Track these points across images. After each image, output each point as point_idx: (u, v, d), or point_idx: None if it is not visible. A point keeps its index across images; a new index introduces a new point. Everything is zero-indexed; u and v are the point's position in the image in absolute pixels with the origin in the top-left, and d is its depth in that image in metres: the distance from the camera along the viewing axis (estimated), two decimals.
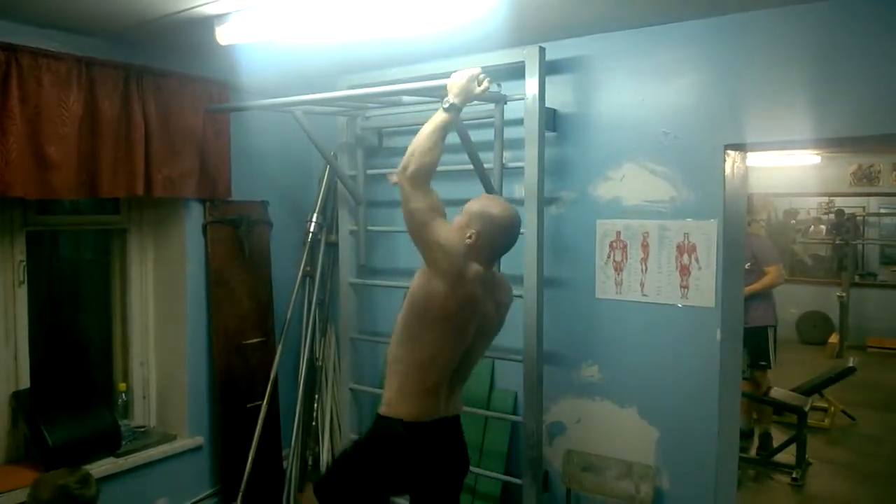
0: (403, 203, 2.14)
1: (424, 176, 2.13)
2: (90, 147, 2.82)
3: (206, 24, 2.58)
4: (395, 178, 2.60)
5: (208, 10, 2.47)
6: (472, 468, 3.07)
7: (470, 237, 2.17)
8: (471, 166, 2.83)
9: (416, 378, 2.21)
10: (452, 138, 2.40)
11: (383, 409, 2.26)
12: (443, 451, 2.30)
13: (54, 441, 2.79)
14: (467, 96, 2.26)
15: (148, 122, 2.98)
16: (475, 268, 2.15)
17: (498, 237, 2.22)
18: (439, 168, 3.03)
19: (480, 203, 2.26)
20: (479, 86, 2.28)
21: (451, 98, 2.23)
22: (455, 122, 2.33)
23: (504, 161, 2.89)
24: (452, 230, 2.17)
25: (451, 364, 2.24)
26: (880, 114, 2.36)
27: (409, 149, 2.14)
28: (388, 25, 2.58)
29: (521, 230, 2.71)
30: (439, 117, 2.19)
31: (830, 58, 2.43)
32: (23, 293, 2.93)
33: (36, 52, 2.63)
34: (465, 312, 2.17)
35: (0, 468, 2.86)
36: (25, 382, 2.94)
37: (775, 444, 5.06)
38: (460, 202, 2.34)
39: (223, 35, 2.57)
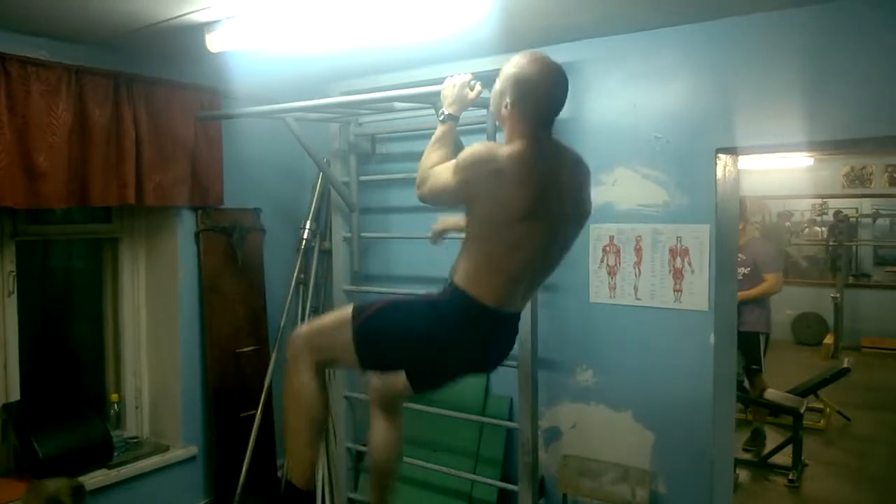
0: (441, 199, 2.04)
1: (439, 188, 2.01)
2: (80, 156, 2.81)
3: (196, 32, 2.57)
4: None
5: (198, 17, 2.46)
6: (467, 474, 3.08)
7: (506, 107, 1.93)
8: None
9: (493, 268, 1.93)
10: None
11: (461, 282, 1.95)
12: (500, 345, 2.11)
13: (45, 453, 2.77)
14: (462, 104, 2.18)
15: (139, 129, 2.97)
16: (513, 149, 1.87)
17: (541, 97, 1.93)
18: None
19: (513, 64, 1.95)
20: (472, 91, 2.20)
21: (447, 108, 2.17)
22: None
23: None
24: (492, 106, 2.01)
25: (531, 258, 1.94)
26: (871, 116, 2.37)
27: (420, 170, 2.06)
28: (381, 33, 2.58)
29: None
30: (439, 130, 2.15)
31: (821, 61, 2.43)
32: (12, 303, 2.91)
33: (25, 60, 2.61)
34: (525, 207, 1.86)
35: None
36: (16, 394, 2.92)
37: (771, 445, 5.06)
38: (446, 209, 2.33)
39: (214, 42, 2.56)
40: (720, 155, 2.68)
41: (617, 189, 2.85)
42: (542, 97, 1.94)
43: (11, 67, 2.57)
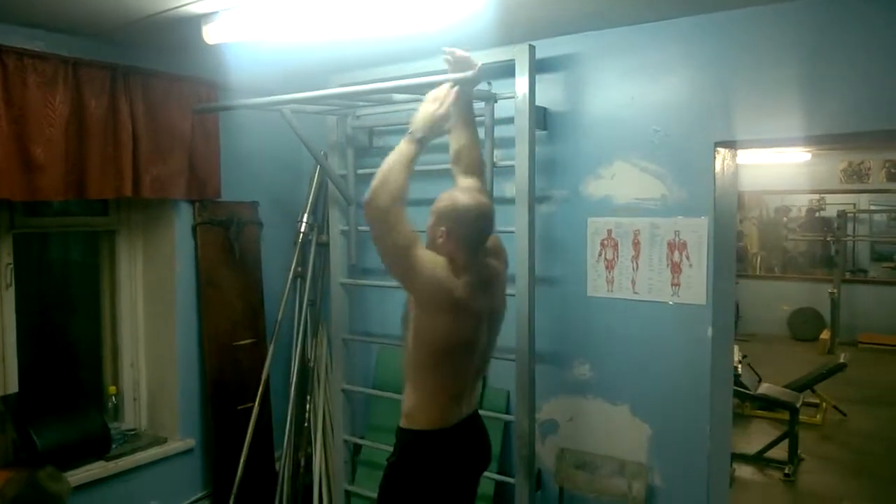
0: (379, 237, 2.01)
1: (400, 203, 2.00)
2: (77, 148, 2.80)
3: (193, 24, 2.56)
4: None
5: (195, 8, 2.45)
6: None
7: (441, 236, 2.11)
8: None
9: (437, 394, 2.18)
10: (442, 137, 2.38)
11: (404, 422, 2.22)
12: (469, 447, 2.30)
13: (43, 445, 2.77)
14: (431, 129, 2.13)
15: (135, 122, 2.96)
16: (462, 281, 2.07)
17: (470, 230, 2.12)
18: (424, 167, 3.03)
19: (444, 199, 2.15)
20: (442, 104, 2.15)
21: (415, 130, 2.12)
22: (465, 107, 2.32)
23: (495, 160, 2.89)
24: (427, 242, 2.13)
25: (470, 371, 2.22)
26: (870, 110, 2.36)
27: (377, 178, 2.01)
28: (378, 25, 2.57)
29: (512, 229, 2.71)
30: (407, 149, 2.08)
31: (820, 55, 2.43)
32: (10, 296, 2.90)
33: (21, 52, 2.60)
34: (472, 329, 2.14)
35: None
36: (14, 386, 2.91)
37: (767, 440, 5.08)
38: None
39: (210, 34, 2.55)
40: (719, 149, 2.68)
41: (615, 183, 2.85)
42: (475, 232, 2.14)
43: (8, 59, 2.56)
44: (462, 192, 2.20)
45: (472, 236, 2.14)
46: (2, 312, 2.88)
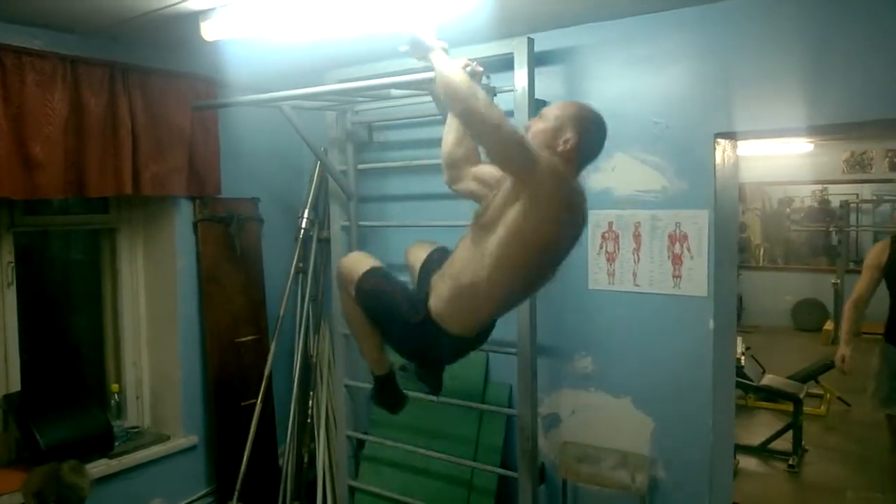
0: (489, 132, 1.79)
1: (491, 105, 1.81)
2: (76, 146, 2.79)
3: (190, 20, 2.56)
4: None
5: (192, 5, 2.45)
6: (467, 461, 3.08)
7: (566, 142, 1.93)
8: None
9: (490, 302, 2.00)
10: (439, 131, 2.38)
11: (438, 310, 2.01)
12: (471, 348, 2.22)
13: (46, 443, 2.78)
14: (416, 48, 2.07)
15: (135, 119, 2.96)
16: (579, 184, 1.93)
17: (596, 143, 2.00)
18: (422, 162, 3.01)
19: (570, 106, 2.00)
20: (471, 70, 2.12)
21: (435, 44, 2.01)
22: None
23: None
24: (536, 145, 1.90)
25: (533, 291, 2.13)
26: (872, 99, 2.35)
27: (461, 92, 1.81)
28: (377, 21, 2.56)
29: None
30: (456, 72, 1.90)
31: (821, 44, 2.42)
32: (11, 295, 2.91)
33: (19, 50, 2.60)
34: (568, 239, 1.97)
35: None
36: (16, 385, 2.92)
37: (771, 431, 5.07)
38: (445, 196, 2.32)
39: (208, 31, 2.55)
40: (719, 140, 2.67)
41: (616, 175, 2.84)
42: (598, 146, 2.04)
43: (6, 57, 2.56)
44: (592, 108, 2.04)
45: (594, 150, 2.02)
46: (3, 311, 2.89)
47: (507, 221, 1.88)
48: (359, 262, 2.29)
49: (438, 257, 2.23)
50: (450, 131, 2.28)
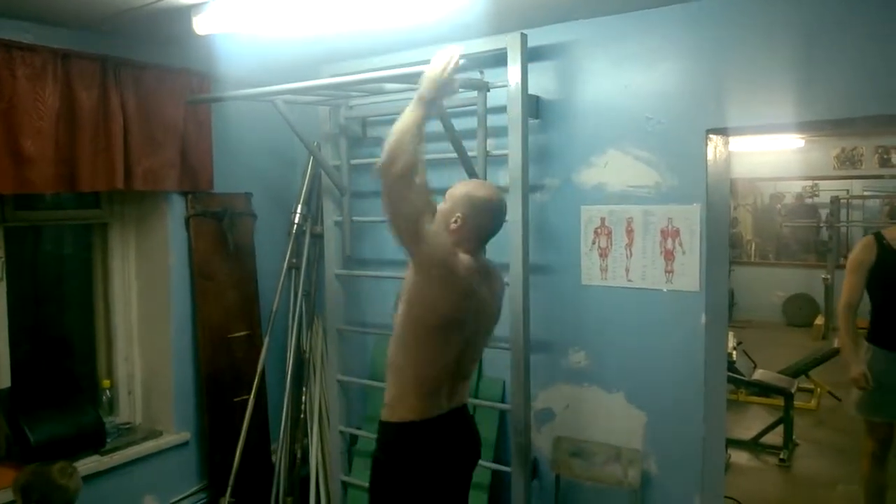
0: (392, 204, 1.92)
1: (411, 172, 1.92)
2: (68, 140, 2.78)
3: (182, 14, 2.54)
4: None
5: None
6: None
7: (455, 221, 2.13)
8: (454, 154, 2.81)
9: (417, 382, 2.15)
10: (435, 126, 2.38)
11: (385, 415, 2.21)
12: (453, 440, 2.27)
13: (36, 440, 2.76)
14: (442, 90, 2.06)
15: (127, 114, 2.94)
16: (466, 260, 2.08)
17: (485, 221, 2.17)
18: (432, 156, 2.99)
19: (465, 187, 2.21)
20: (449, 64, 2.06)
21: (420, 90, 2.02)
22: (439, 109, 2.30)
23: (488, 149, 2.88)
24: (437, 224, 2.11)
25: (452, 364, 2.19)
26: (863, 95, 2.36)
27: (390, 144, 1.92)
28: (370, 16, 2.56)
29: (507, 218, 2.70)
30: (418, 110, 1.99)
31: (812, 40, 2.42)
32: (2, 290, 2.89)
33: (9, 44, 2.58)
34: (463, 312, 2.11)
35: None
36: (6, 381, 2.91)
37: (762, 425, 5.11)
38: (444, 191, 2.32)
39: (200, 25, 2.53)
40: (711, 136, 2.68)
41: (608, 171, 2.85)
42: (491, 221, 2.19)
43: None
44: (481, 183, 2.28)
45: (485, 228, 2.18)
46: None
47: (407, 296, 2.11)
48: None
49: None
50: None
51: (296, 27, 2.61)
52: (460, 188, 2.21)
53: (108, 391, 3.31)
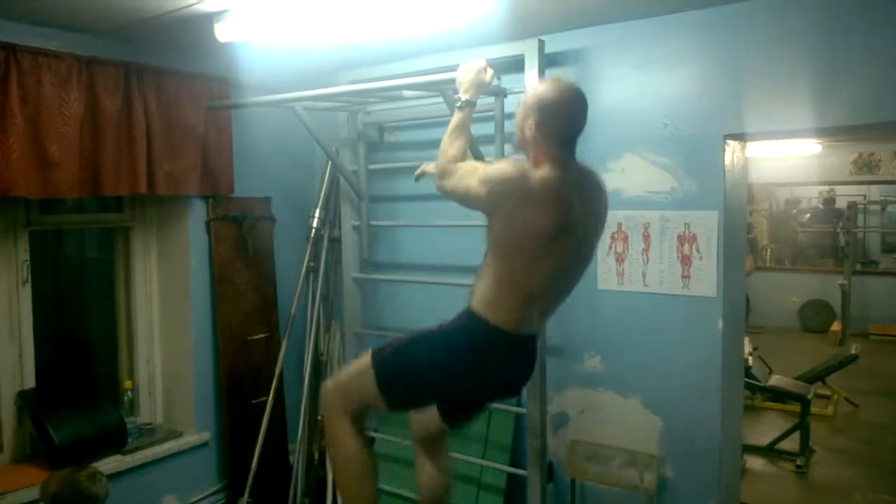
0: (456, 198, 2.07)
1: (461, 160, 2.10)
2: (92, 145, 2.83)
3: (205, 22, 2.58)
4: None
5: (206, 7, 2.47)
6: (476, 459, 3.10)
7: (530, 128, 1.99)
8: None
9: (513, 288, 2.00)
10: None
11: (477, 306, 2.03)
12: (521, 367, 2.17)
13: (60, 440, 2.81)
14: (479, 89, 2.19)
15: (149, 119, 2.99)
16: (544, 173, 1.94)
17: (562, 119, 2.00)
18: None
19: (532, 91, 2.08)
20: (487, 75, 2.21)
21: (463, 94, 2.17)
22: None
23: (505, 154, 2.90)
24: (517, 138, 2.08)
25: (552, 276, 2.02)
26: (881, 101, 2.36)
27: (442, 159, 2.10)
28: (389, 23, 2.58)
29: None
30: (456, 117, 2.15)
31: (831, 46, 2.43)
32: (27, 292, 2.94)
33: (35, 51, 2.63)
34: (540, 224, 1.93)
35: (6, 467, 2.88)
36: (31, 381, 2.95)
37: (778, 432, 5.08)
38: None
39: (222, 32, 2.57)
40: (729, 141, 2.69)
41: (625, 176, 2.86)
42: (565, 118, 2.01)
43: (23, 58, 2.58)
44: (550, 81, 2.11)
45: (562, 126, 2.01)
46: (19, 308, 2.92)
47: (491, 233, 2.02)
48: (351, 367, 2.26)
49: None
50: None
51: (315, 35, 2.64)
52: (528, 94, 2.09)
53: (129, 392, 3.34)
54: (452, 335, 2.07)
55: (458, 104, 2.18)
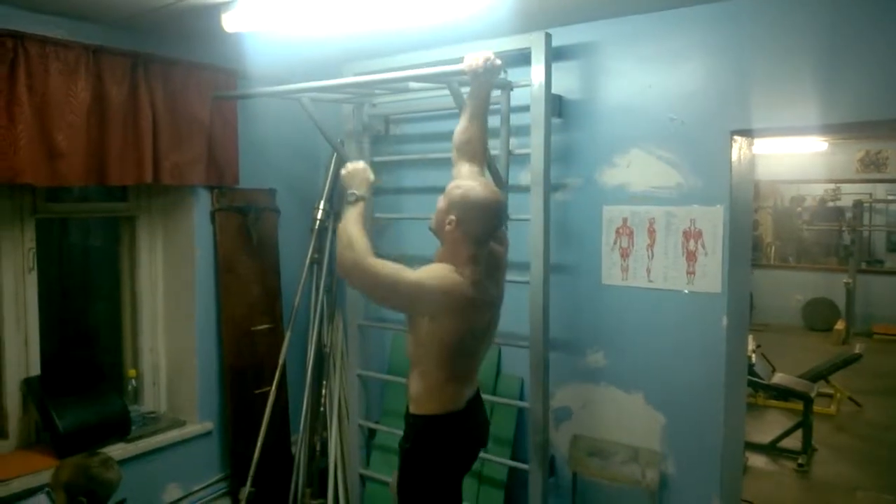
0: (372, 292, 2.12)
1: (367, 254, 2.04)
2: (98, 135, 2.83)
3: (212, 12, 2.59)
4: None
5: None
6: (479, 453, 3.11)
7: (450, 224, 2.11)
8: None
9: (445, 381, 2.18)
10: (455, 124, 2.40)
11: (414, 408, 2.23)
12: (473, 427, 2.33)
13: (65, 427, 2.82)
14: (363, 182, 2.28)
15: (155, 109, 2.99)
16: (470, 275, 2.10)
17: (481, 223, 2.13)
18: (443, 155, 3.03)
19: (458, 188, 2.16)
20: (490, 63, 2.28)
21: (354, 189, 2.24)
22: (482, 100, 2.36)
23: (510, 148, 2.90)
24: (436, 228, 2.17)
25: (478, 357, 2.27)
26: (889, 98, 2.35)
27: (340, 251, 2.09)
28: (396, 15, 2.58)
29: (527, 217, 2.73)
30: (351, 210, 2.18)
31: (838, 41, 2.42)
32: (32, 280, 2.95)
33: (43, 39, 2.63)
34: (483, 319, 2.19)
35: (12, 454, 2.89)
36: (36, 369, 2.97)
37: (781, 430, 5.08)
38: None
39: (229, 22, 2.57)
40: (735, 137, 2.68)
41: (631, 171, 2.85)
42: (483, 225, 2.14)
43: (31, 46, 2.59)
44: (478, 183, 2.20)
45: (482, 229, 2.14)
46: (24, 296, 2.93)
47: (417, 327, 2.15)
48: None
49: None
50: (462, 117, 2.38)
51: (322, 26, 2.64)
52: (455, 189, 2.16)
53: (133, 381, 3.37)
54: (418, 452, 2.23)
55: (350, 199, 2.22)
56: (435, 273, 2.10)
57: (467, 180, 2.21)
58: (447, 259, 2.14)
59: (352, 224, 2.12)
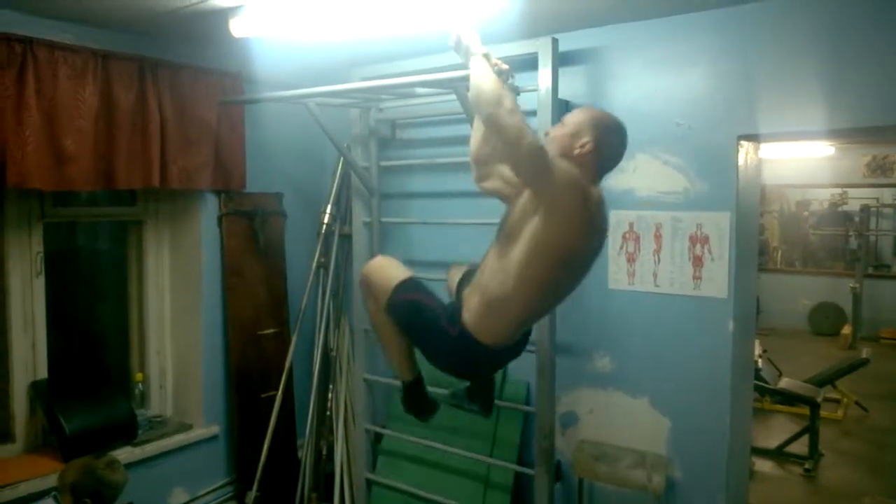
0: (508, 142, 1.78)
1: (513, 104, 1.79)
2: (106, 139, 2.85)
3: (219, 17, 2.60)
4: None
5: (221, 2, 2.48)
6: (484, 458, 3.11)
7: (583, 146, 1.93)
8: None
9: (508, 314, 1.99)
10: (461, 130, 2.40)
11: (469, 321, 2.02)
12: (508, 355, 2.20)
13: (72, 430, 2.83)
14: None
15: (163, 114, 3.01)
16: (596, 191, 1.92)
17: (614, 148, 1.99)
18: (444, 160, 3.02)
19: (588, 112, 2.01)
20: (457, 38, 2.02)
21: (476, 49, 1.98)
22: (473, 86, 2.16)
23: None
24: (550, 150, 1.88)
25: (548, 301, 2.08)
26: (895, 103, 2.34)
27: (483, 103, 1.82)
28: (402, 20, 2.58)
29: None
30: (487, 69, 1.90)
31: (845, 46, 2.41)
32: (40, 284, 2.97)
33: (52, 44, 2.65)
34: (590, 248, 1.96)
35: (19, 457, 2.91)
36: (43, 372, 2.98)
37: (787, 435, 5.06)
38: (467, 194, 2.33)
39: (237, 27, 2.58)
40: (742, 142, 2.68)
41: (637, 176, 2.85)
42: (615, 152, 2.02)
43: (39, 51, 2.61)
44: (603, 110, 2.07)
45: (615, 154, 2.01)
46: (32, 300, 2.95)
47: (527, 235, 1.89)
48: (388, 272, 2.22)
49: (470, 275, 2.21)
50: (477, 129, 2.25)
51: (329, 31, 2.65)
52: (584, 112, 2.01)
53: (140, 384, 3.38)
54: (444, 332, 2.07)
55: (477, 56, 1.95)
56: (571, 166, 1.90)
57: (584, 108, 2.06)
58: None
59: (487, 77, 1.85)
